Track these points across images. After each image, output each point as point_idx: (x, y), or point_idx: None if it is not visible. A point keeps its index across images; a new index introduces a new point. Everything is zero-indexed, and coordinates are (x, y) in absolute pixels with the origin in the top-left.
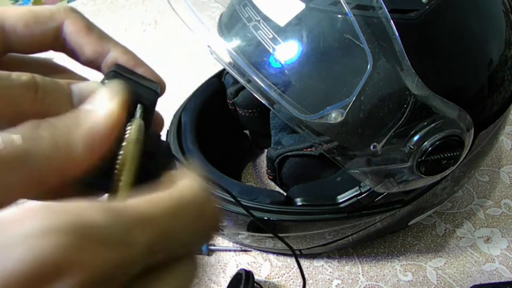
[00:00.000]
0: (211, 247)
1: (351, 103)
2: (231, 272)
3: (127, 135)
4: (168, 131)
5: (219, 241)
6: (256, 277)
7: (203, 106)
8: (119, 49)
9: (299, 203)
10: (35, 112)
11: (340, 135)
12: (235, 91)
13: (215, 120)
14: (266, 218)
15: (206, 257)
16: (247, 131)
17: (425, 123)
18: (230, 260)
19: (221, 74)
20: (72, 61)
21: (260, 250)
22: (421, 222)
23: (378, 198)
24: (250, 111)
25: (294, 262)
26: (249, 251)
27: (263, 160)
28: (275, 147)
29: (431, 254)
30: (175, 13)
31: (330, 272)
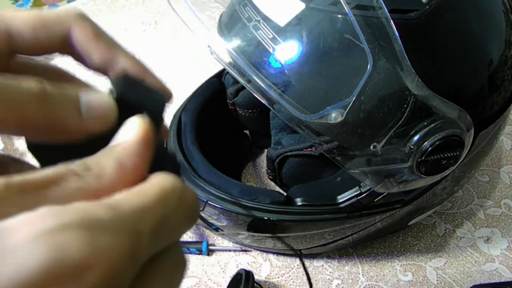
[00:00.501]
0: (211, 247)
1: (351, 103)
2: (231, 272)
3: None
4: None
5: (219, 241)
6: (256, 277)
7: (203, 106)
8: (128, 57)
9: (299, 203)
10: (42, 119)
11: (340, 135)
12: (235, 91)
13: (215, 120)
14: (266, 218)
15: (206, 257)
16: (247, 131)
17: (425, 123)
18: (230, 260)
19: (221, 74)
20: (75, 64)
21: (260, 250)
22: (421, 222)
23: (378, 198)
24: (250, 111)
25: (294, 262)
26: (249, 251)
27: (263, 160)
28: (275, 147)
29: (431, 254)
30: (175, 13)
31: (330, 272)
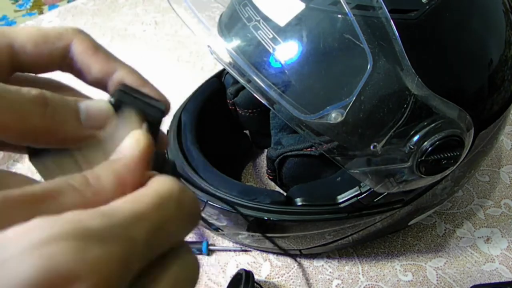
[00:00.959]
0: (211, 247)
1: (351, 103)
2: (231, 272)
3: None
4: (168, 131)
5: (219, 241)
6: (256, 277)
7: (203, 106)
8: (125, 68)
9: (299, 203)
10: (43, 127)
11: (340, 135)
12: (235, 91)
13: (215, 120)
14: (266, 218)
15: (206, 257)
16: (247, 131)
17: (425, 123)
18: (230, 260)
19: (221, 74)
20: (74, 80)
21: (260, 250)
22: (421, 222)
23: (378, 198)
24: (250, 111)
25: (294, 262)
26: (249, 251)
27: (263, 160)
28: (275, 147)
29: (431, 254)
30: (175, 13)
31: (330, 272)
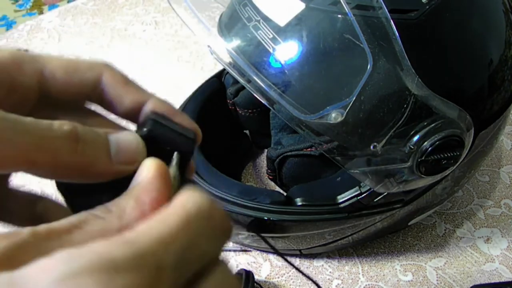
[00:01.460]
0: None
1: (351, 103)
2: None
3: None
4: None
5: None
6: (256, 277)
7: (203, 106)
8: (156, 99)
9: (299, 203)
10: (73, 162)
11: (340, 135)
12: (235, 91)
13: (215, 120)
14: (266, 218)
15: None
16: (247, 131)
17: (425, 123)
18: (230, 260)
19: (221, 74)
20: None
21: (260, 250)
22: (421, 222)
23: (378, 198)
24: (250, 111)
25: (294, 262)
26: (249, 251)
27: (263, 160)
28: (275, 147)
29: (431, 254)
30: (175, 13)
31: (330, 272)
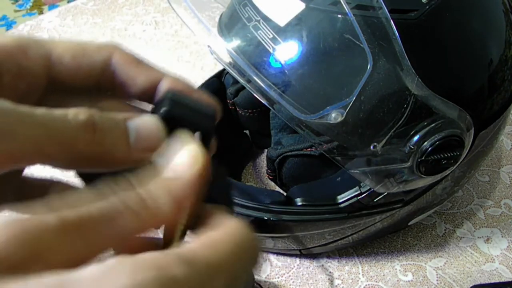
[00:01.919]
0: None
1: (351, 103)
2: None
3: None
4: None
5: None
6: (256, 277)
7: None
8: (171, 76)
9: (299, 203)
10: (91, 152)
11: (340, 135)
12: (235, 91)
13: None
14: (266, 218)
15: None
16: (247, 131)
17: (425, 123)
18: None
19: (221, 74)
20: None
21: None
22: (421, 222)
23: (378, 198)
24: (250, 111)
25: (294, 262)
26: None
27: (263, 160)
28: (275, 147)
29: (431, 254)
30: (175, 13)
31: (330, 272)
